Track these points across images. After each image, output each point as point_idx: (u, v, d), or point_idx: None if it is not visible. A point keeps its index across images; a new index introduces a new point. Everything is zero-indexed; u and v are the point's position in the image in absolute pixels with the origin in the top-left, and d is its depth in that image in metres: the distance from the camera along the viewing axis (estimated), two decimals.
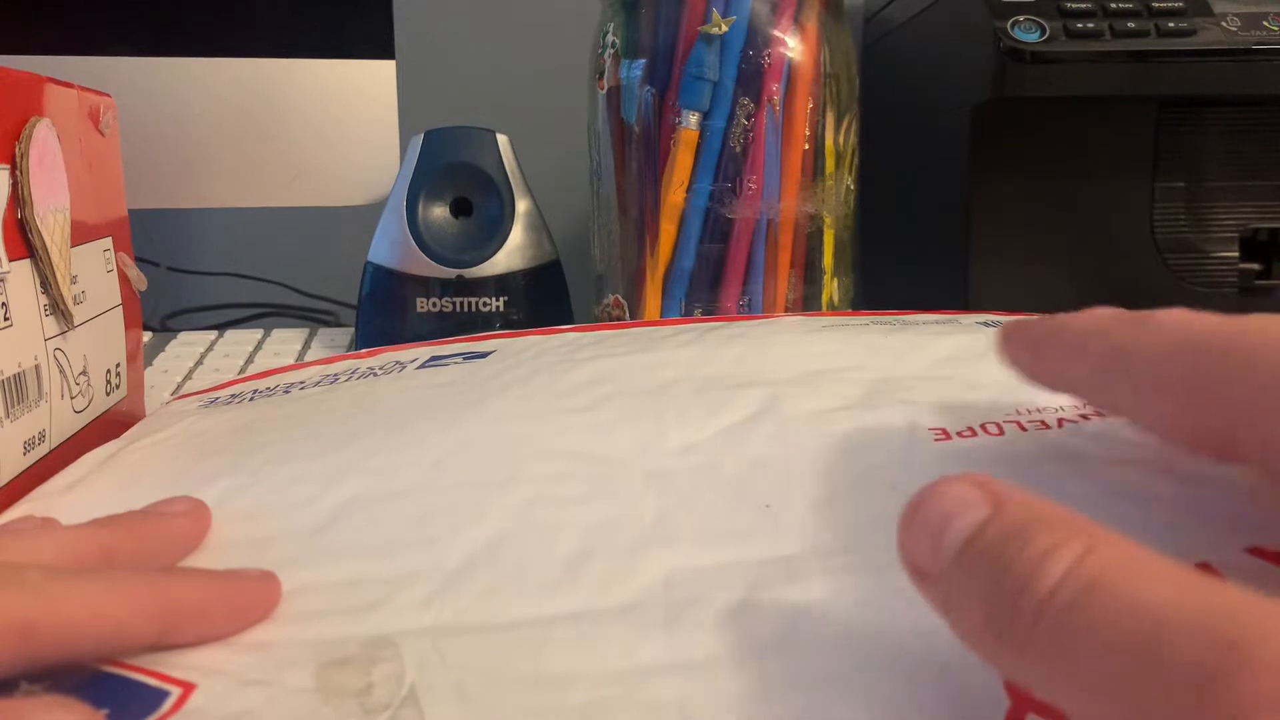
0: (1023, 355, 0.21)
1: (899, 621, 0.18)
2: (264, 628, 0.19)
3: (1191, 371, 0.16)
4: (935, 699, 0.16)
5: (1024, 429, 0.23)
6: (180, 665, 0.18)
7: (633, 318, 0.48)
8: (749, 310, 0.46)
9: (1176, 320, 0.17)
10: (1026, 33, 0.47)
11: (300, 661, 0.18)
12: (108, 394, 0.35)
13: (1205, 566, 0.16)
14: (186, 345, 0.56)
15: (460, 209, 0.52)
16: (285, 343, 0.57)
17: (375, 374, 0.32)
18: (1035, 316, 0.22)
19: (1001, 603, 0.13)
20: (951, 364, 0.28)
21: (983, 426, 0.24)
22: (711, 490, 0.22)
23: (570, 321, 0.53)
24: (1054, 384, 0.21)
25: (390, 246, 0.51)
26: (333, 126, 0.57)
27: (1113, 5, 0.48)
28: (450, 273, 0.50)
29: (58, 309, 0.30)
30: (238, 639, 0.19)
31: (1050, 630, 0.13)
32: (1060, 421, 0.23)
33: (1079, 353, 0.19)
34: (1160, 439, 0.18)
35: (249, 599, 0.20)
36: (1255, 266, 0.52)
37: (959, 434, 0.24)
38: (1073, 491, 0.20)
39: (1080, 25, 0.47)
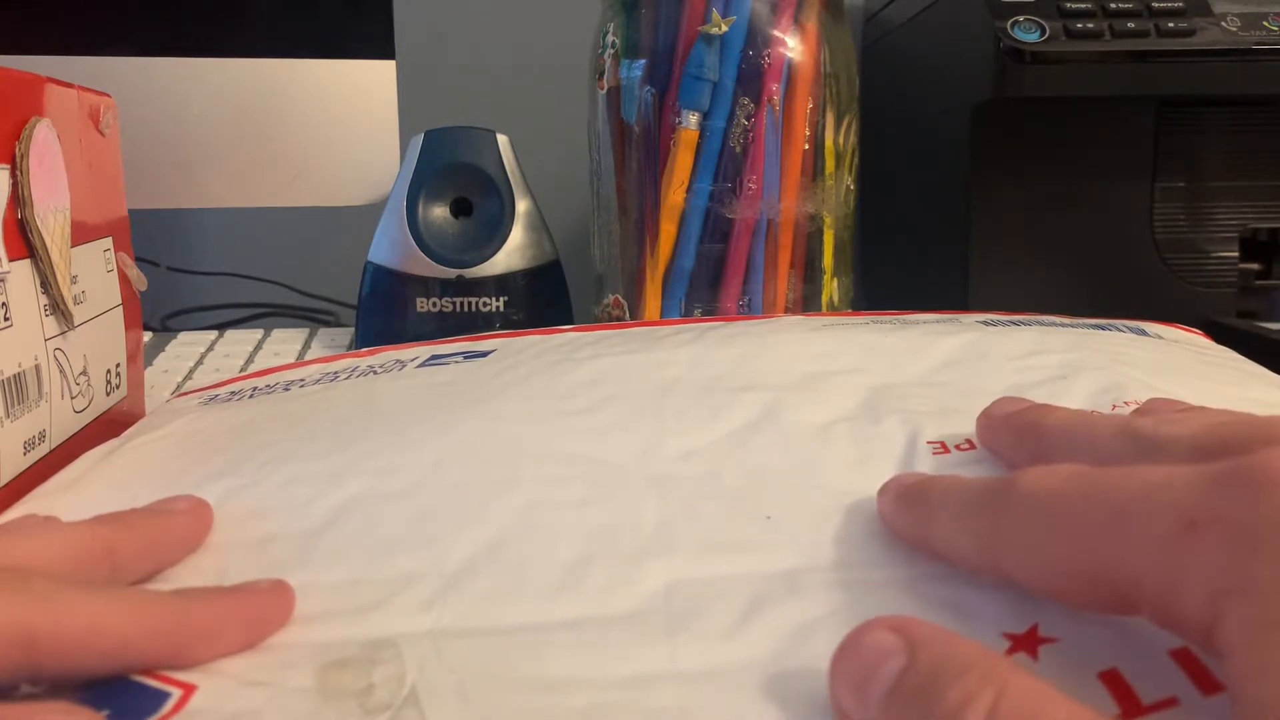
0: (909, 527, 0.21)
1: None
2: None
3: (1069, 541, 0.17)
4: None
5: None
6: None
7: (633, 318, 0.48)
8: (749, 310, 0.46)
9: (1042, 487, 0.17)
10: (1026, 33, 0.47)
11: (301, 662, 0.18)
12: (108, 394, 0.35)
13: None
14: (186, 345, 0.56)
15: (460, 209, 0.51)
16: (285, 343, 0.57)
17: (375, 372, 0.32)
18: (911, 480, 0.22)
19: None
20: (952, 368, 0.28)
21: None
22: (713, 499, 0.22)
23: (570, 321, 0.53)
24: (944, 557, 0.21)
25: (390, 246, 0.51)
26: (333, 126, 0.57)
27: (1113, 5, 0.48)
28: (450, 273, 0.50)
29: (58, 309, 0.30)
30: None
31: None
32: None
33: (957, 530, 0.19)
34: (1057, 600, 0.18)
35: (263, 613, 0.19)
36: (1255, 266, 0.52)
37: (957, 447, 0.24)
38: None
39: (1080, 25, 0.47)
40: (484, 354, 0.32)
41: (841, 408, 0.26)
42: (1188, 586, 0.14)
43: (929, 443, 0.24)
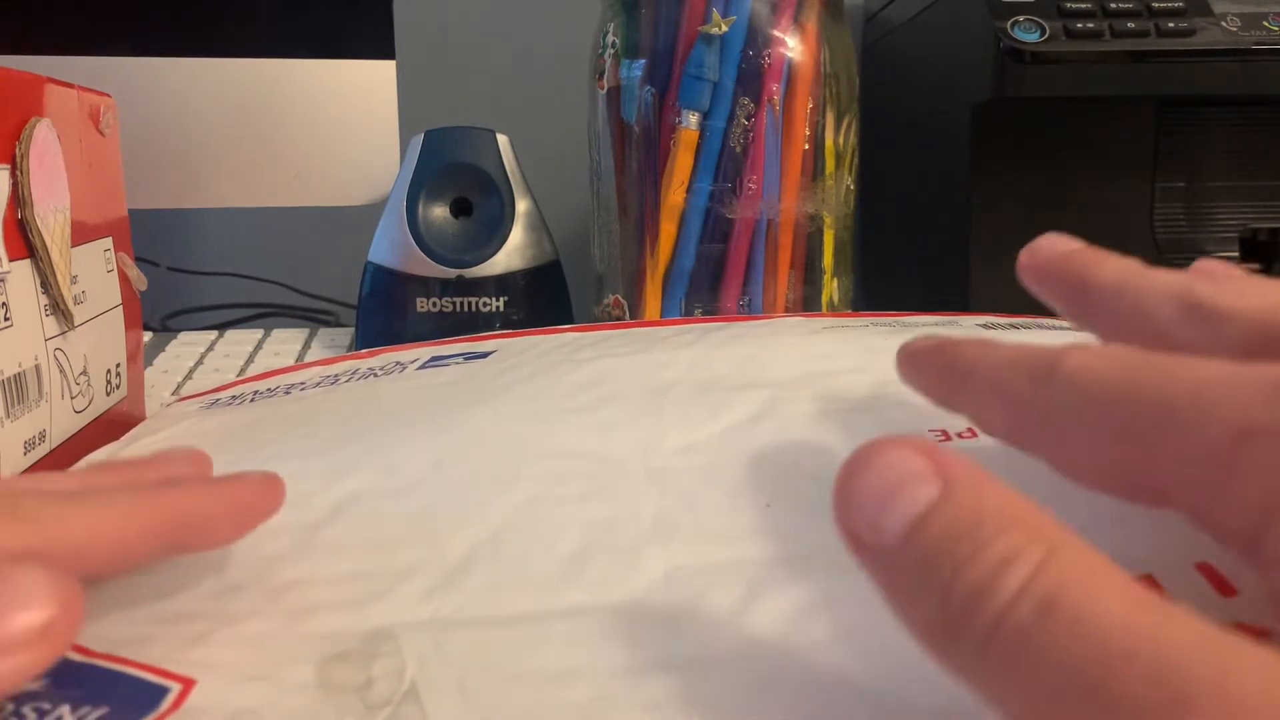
0: (924, 388, 0.20)
1: (898, 623, 0.18)
2: (264, 621, 0.19)
3: (1111, 434, 0.16)
4: (935, 699, 0.16)
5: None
6: (180, 660, 0.18)
7: (633, 318, 0.48)
8: (749, 310, 0.46)
9: (1087, 373, 0.16)
10: (1026, 33, 0.47)
11: (300, 656, 0.18)
12: (108, 394, 0.35)
13: (1149, 580, 0.16)
14: (186, 345, 0.56)
15: (460, 209, 0.52)
16: (285, 343, 0.57)
17: (376, 374, 0.32)
18: (936, 339, 0.21)
19: (954, 606, 0.13)
20: None
21: None
22: (712, 489, 0.22)
23: (570, 321, 0.53)
24: (969, 419, 0.20)
25: (390, 246, 0.51)
26: (333, 126, 0.57)
27: (1113, 5, 0.48)
28: (450, 273, 0.50)
29: (58, 309, 0.30)
30: (237, 633, 0.19)
31: (1004, 648, 0.12)
32: None
33: (986, 404, 0.18)
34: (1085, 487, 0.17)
35: (253, 499, 0.19)
36: (1255, 266, 0.52)
37: (959, 435, 0.24)
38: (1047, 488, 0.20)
39: (1080, 25, 0.47)
40: (484, 355, 0.32)
41: (842, 401, 0.26)
42: (1237, 495, 0.14)
43: (931, 430, 0.24)
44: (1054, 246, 0.22)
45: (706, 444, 0.24)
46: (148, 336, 0.56)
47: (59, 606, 0.15)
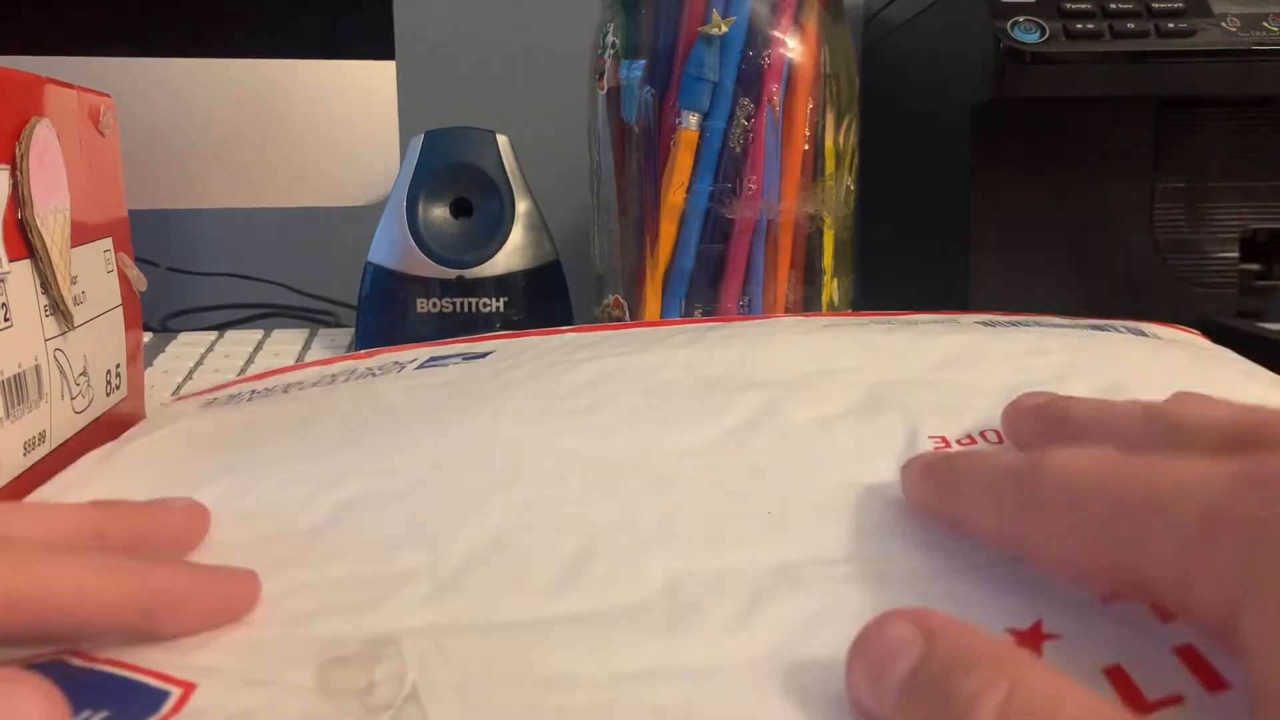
0: (934, 501, 0.21)
1: None
2: (264, 626, 0.19)
3: (1092, 525, 0.17)
4: None
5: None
6: (181, 665, 0.18)
7: (633, 318, 0.48)
8: (749, 310, 0.46)
9: (1069, 469, 0.18)
10: (1026, 33, 0.47)
11: (301, 660, 0.18)
12: (108, 394, 0.35)
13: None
14: (186, 345, 0.56)
15: (460, 209, 0.51)
16: (285, 343, 0.57)
17: (374, 374, 0.32)
18: (937, 455, 0.22)
19: None
20: (951, 366, 0.28)
21: (982, 434, 0.24)
22: (713, 495, 0.22)
23: (570, 322, 0.53)
24: (968, 531, 0.21)
25: (390, 247, 0.51)
26: (333, 126, 0.57)
27: (1113, 5, 0.48)
28: (450, 273, 0.50)
29: (58, 309, 0.30)
30: (237, 638, 0.19)
31: None
32: None
33: (980, 506, 0.20)
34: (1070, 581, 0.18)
35: (231, 593, 0.20)
36: (1255, 267, 0.52)
37: (959, 441, 0.24)
38: None
39: (1080, 25, 0.47)
40: (483, 355, 0.32)
41: (841, 404, 0.26)
42: (1208, 580, 0.15)
43: (930, 437, 0.24)
44: (1032, 399, 0.24)
45: (706, 447, 0.24)
46: (148, 337, 0.56)
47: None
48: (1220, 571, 0.15)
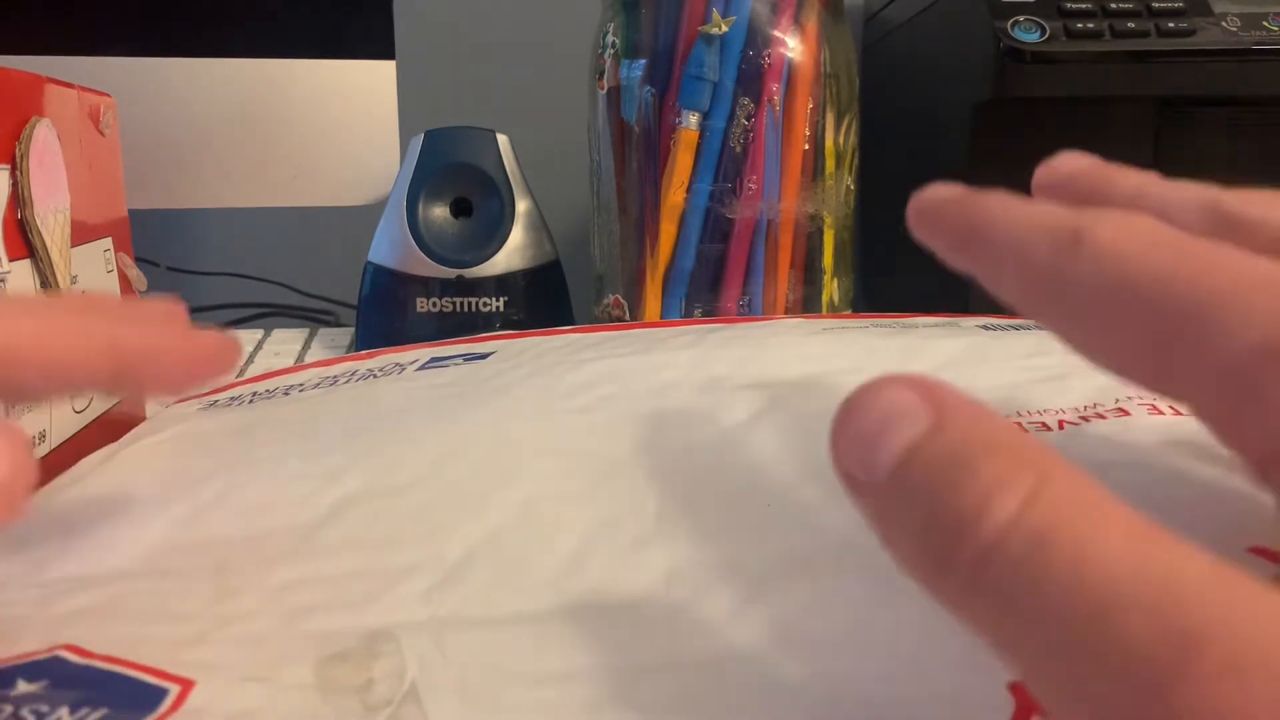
0: (939, 245, 0.19)
1: (900, 622, 0.18)
2: (263, 622, 0.19)
3: (1131, 323, 0.14)
4: (937, 700, 0.16)
5: (1024, 431, 0.24)
6: (179, 661, 0.18)
7: (633, 318, 0.48)
8: (749, 310, 0.46)
9: (1122, 248, 0.15)
10: (1026, 33, 0.47)
11: (300, 657, 0.18)
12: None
13: None
14: None
15: (460, 209, 0.52)
16: (285, 343, 0.57)
17: (375, 375, 0.32)
18: (955, 190, 0.19)
19: (940, 537, 0.12)
20: (951, 368, 0.28)
21: None
22: (713, 489, 0.22)
23: (570, 322, 0.53)
24: (982, 281, 0.18)
25: (390, 246, 0.51)
26: (333, 126, 0.57)
27: (1113, 5, 0.48)
28: (450, 273, 0.50)
29: None
30: (236, 633, 0.19)
31: (994, 582, 0.12)
32: (1061, 424, 0.23)
33: (1002, 266, 0.17)
34: (1108, 372, 0.16)
35: (203, 350, 0.19)
36: None
37: None
38: None
39: (1080, 25, 0.47)
40: (484, 356, 0.32)
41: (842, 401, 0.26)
42: (1259, 415, 0.13)
43: None
44: (1064, 161, 0.21)
45: (707, 444, 0.24)
46: None
47: (9, 466, 0.15)
48: (1270, 411, 0.13)
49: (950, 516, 0.12)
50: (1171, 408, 0.24)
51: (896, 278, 0.67)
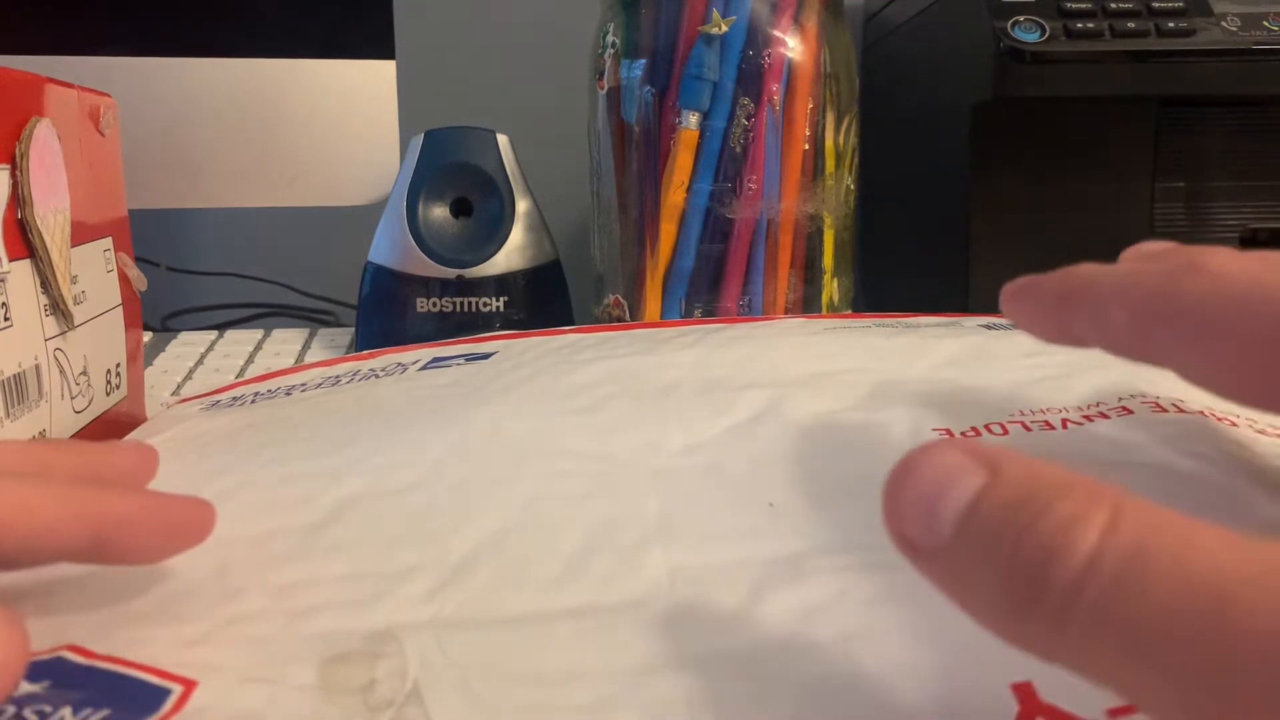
0: (1036, 316, 0.19)
1: (904, 622, 0.18)
2: (265, 623, 0.19)
3: (1260, 334, 0.14)
4: (941, 701, 0.16)
5: (1028, 429, 0.24)
6: (181, 662, 0.18)
7: (633, 318, 0.48)
8: (749, 311, 0.46)
9: (1234, 271, 0.15)
10: (1026, 33, 0.47)
11: (303, 658, 0.18)
12: (108, 394, 0.35)
13: None
14: (186, 345, 0.56)
15: (460, 209, 0.52)
16: (285, 343, 0.57)
17: (377, 375, 0.32)
18: (1044, 275, 0.20)
19: (1025, 576, 0.12)
20: (954, 366, 0.28)
21: (986, 427, 0.24)
22: (715, 489, 0.22)
23: (570, 322, 0.53)
24: (1078, 342, 0.19)
25: (390, 246, 0.51)
26: (333, 126, 0.57)
27: (1113, 5, 0.48)
28: (450, 273, 0.50)
29: (58, 309, 0.30)
30: (238, 634, 0.19)
31: (1096, 604, 0.11)
32: (1064, 423, 0.23)
33: (1109, 304, 0.17)
34: (1214, 394, 0.16)
35: (182, 517, 0.19)
36: None
37: (963, 434, 0.24)
38: None
39: (1080, 25, 0.47)
40: (486, 356, 0.32)
41: (844, 401, 0.26)
42: None
43: (935, 429, 0.24)
44: (1148, 244, 0.21)
45: (709, 443, 0.24)
46: (148, 336, 0.56)
47: (6, 649, 0.15)
48: None
49: (1031, 555, 0.12)
50: (1175, 406, 0.24)
51: (896, 278, 0.67)
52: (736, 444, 0.24)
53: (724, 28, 0.43)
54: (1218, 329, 0.15)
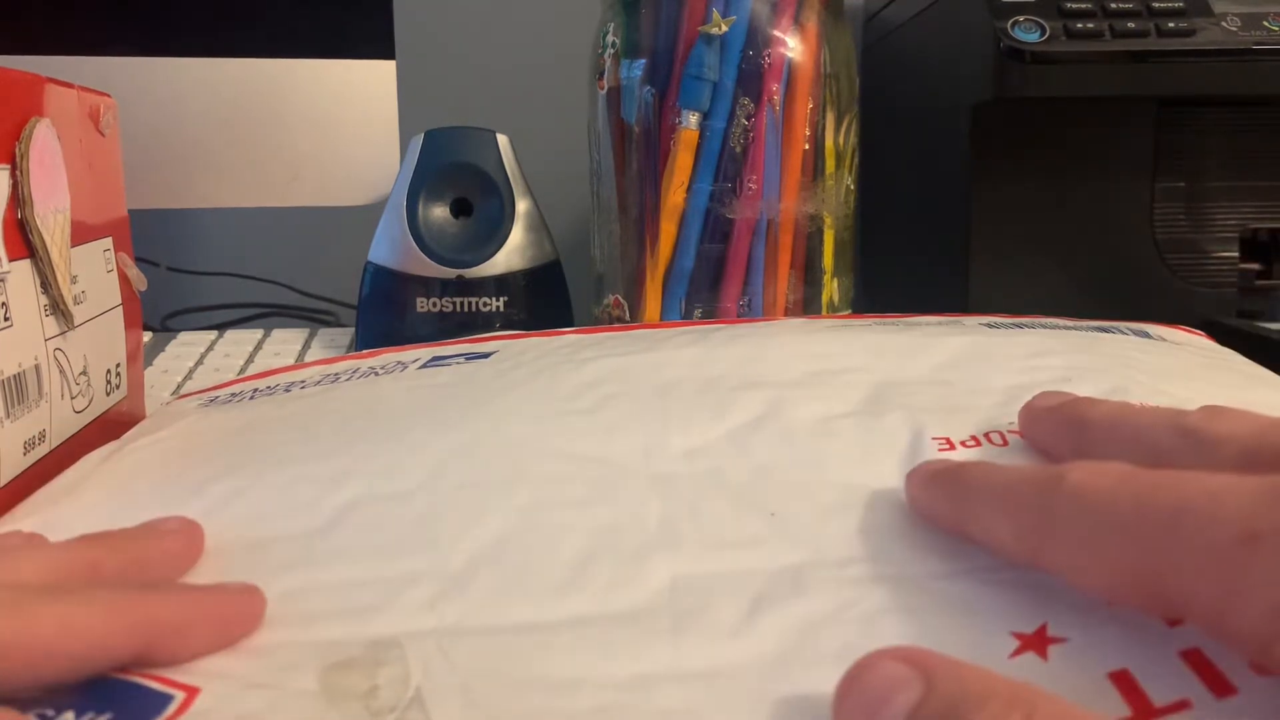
0: (942, 510, 0.21)
1: (903, 635, 0.18)
2: (267, 630, 0.19)
3: (1122, 542, 0.16)
4: None
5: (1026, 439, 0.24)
6: (184, 669, 0.18)
7: (633, 318, 0.47)
8: (749, 310, 0.46)
9: (1094, 484, 0.17)
10: (1026, 33, 0.47)
11: (304, 664, 0.18)
12: (108, 394, 0.35)
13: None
14: (186, 345, 0.56)
15: (460, 209, 0.51)
16: (285, 343, 0.56)
17: (377, 374, 0.32)
18: (944, 464, 0.22)
19: None
20: (954, 368, 0.28)
21: (986, 436, 0.24)
22: (716, 496, 0.22)
23: (570, 322, 0.53)
24: (978, 545, 0.20)
25: (390, 246, 0.51)
26: (333, 126, 0.57)
27: (1113, 5, 0.48)
28: (450, 273, 0.50)
29: (58, 309, 0.30)
30: (241, 641, 0.19)
31: None
32: None
33: (997, 519, 0.19)
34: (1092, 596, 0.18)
35: (232, 613, 0.19)
36: (1255, 266, 0.52)
37: (963, 443, 0.24)
38: None
39: (1080, 25, 0.47)
40: (485, 355, 0.32)
41: (844, 404, 0.26)
42: (1248, 599, 0.14)
43: (934, 438, 0.24)
44: (1048, 399, 0.24)
45: (710, 448, 0.24)
46: (148, 336, 0.56)
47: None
48: (1260, 590, 0.14)
49: None
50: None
51: (896, 278, 0.67)
52: (737, 449, 0.24)
53: (724, 28, 0.43)
54: (1088, 543, 0.17)
